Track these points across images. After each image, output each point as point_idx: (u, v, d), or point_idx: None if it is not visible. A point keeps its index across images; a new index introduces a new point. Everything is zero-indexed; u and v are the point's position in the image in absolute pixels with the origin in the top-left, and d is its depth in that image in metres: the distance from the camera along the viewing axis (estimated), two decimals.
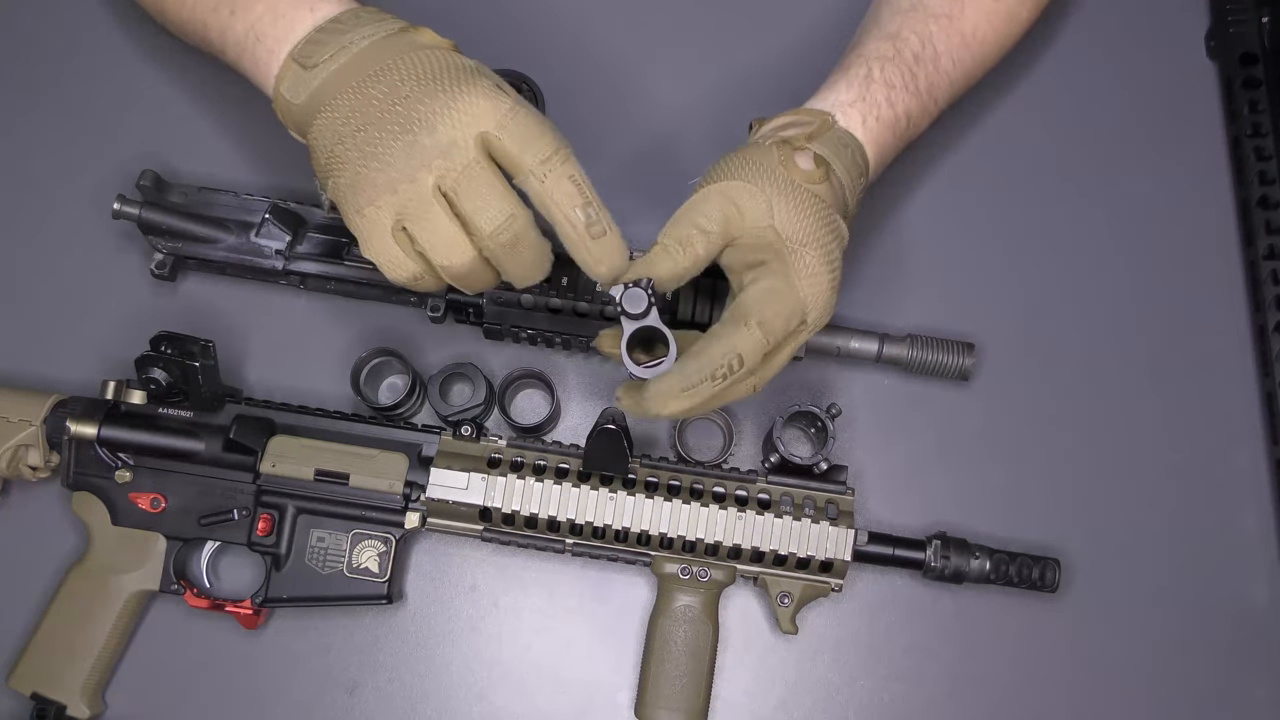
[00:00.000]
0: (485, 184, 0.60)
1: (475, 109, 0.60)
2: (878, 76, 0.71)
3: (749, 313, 0.63)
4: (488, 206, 0.60)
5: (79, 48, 0.85)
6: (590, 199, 0.60)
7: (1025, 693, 0.76)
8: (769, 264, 0.64)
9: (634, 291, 0.62)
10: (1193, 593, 0.78)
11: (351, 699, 0.75)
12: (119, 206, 0.75)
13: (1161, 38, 0.88)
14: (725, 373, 0.62)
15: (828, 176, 0.66)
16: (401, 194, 0.60)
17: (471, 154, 0.60)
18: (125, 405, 0.73)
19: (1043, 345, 0.82)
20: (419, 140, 0.60)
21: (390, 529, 0.73)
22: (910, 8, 0.75)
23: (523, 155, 0.60)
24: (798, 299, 0.64)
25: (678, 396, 0.62)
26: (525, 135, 0.60)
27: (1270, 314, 0.80)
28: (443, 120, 0.60)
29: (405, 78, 0.61)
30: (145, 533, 0.73)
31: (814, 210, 0.65)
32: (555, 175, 0.60)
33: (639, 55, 0.86)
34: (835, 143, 0.68)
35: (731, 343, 0.62)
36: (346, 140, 0.61)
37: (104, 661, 0.73)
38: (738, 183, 0.65)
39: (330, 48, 0.63)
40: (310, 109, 0.63)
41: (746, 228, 0.64)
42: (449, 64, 0.62)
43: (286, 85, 0.64)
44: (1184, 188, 0.85)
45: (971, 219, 0.84)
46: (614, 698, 0.76)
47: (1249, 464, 0.80)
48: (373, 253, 0.62)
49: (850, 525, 0.71)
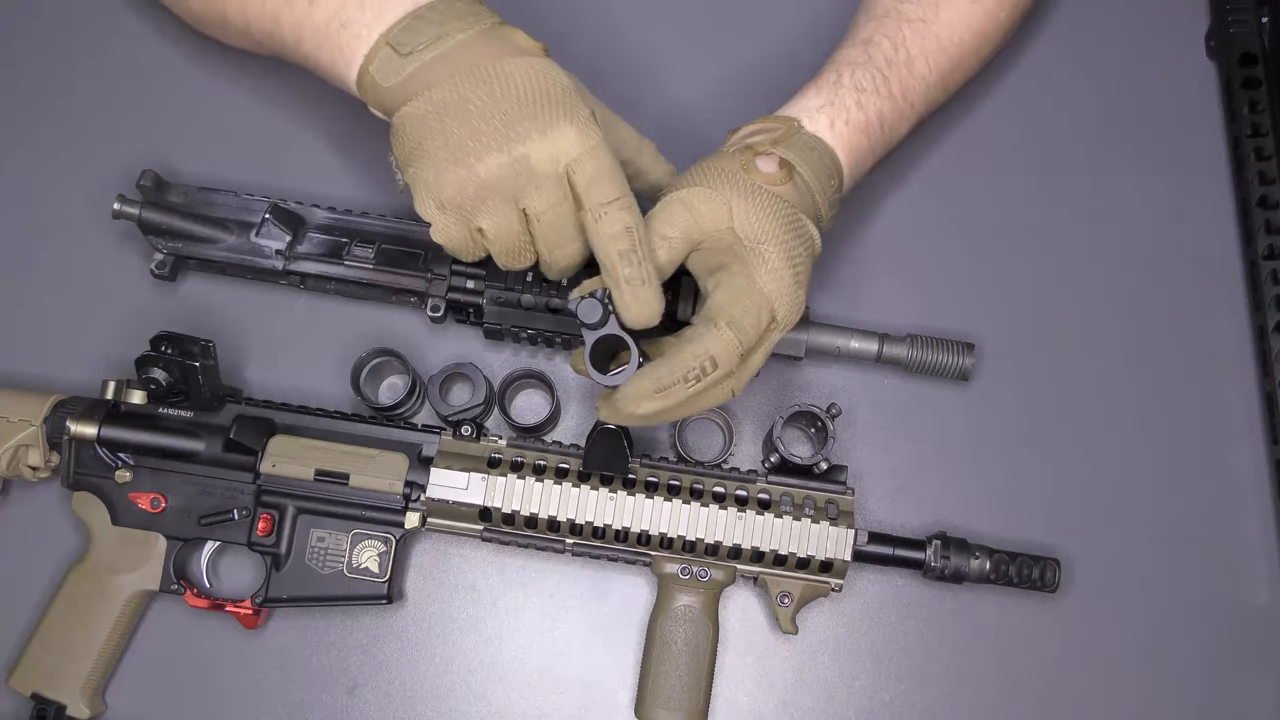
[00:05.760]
0: (567, 224, 0.64)
1: (567, 141, 0.62)
2: (847, 81, 0.72)
3: (717, 313, 0.64)
4: (564, 244, 0.65)
5: (79, 48, 0.85)
6: (637, 245, 0.62)
7: (1025, 692, 0.76)
8: (730, 265, 0.66)
9: (589, 302, 0.63)
10: (1193, 593, 0.78)
11: (351, 699, 0.75)
12: (119, 206, 0.75)
13: (1161, 38, 0.88)
14: (698, 374, 0.63)
15: (790, 178, 0.68)
16: (488, 205, 0.63)
17: (560, 191, 0.63)
18: (125, 405, 0.73)
19: (1042, 345, 0.82)
20: (515, 165, 0.62)
21: (390, 529, 0.73)
22: (884, 14, 0.76)
23: (589, 193, 0.63)
24: (763, 295, 0.65)
25: (650, 397, 0.63)
26: (598, 175, 0.63)
27: (1270, 314, 0.80)
28: (539, 147, 0.62)
29: (507, 90, 0.63)
30: (145, 533, 0.73)
31: (773, 210, 0.66)
32: (611, 219, 0.62)
33: (634, 55, 0.86)
34: (801, 146, 0.69)
35: (703, 344, 0.63)
36: (436, 138, 0.63)
37: (104, 661, 0.73)
38: (696, 188, 0.67)
39: (426, 36, 0.64)
40: (401, 94, 0.64)
41: (706, 231, 0.66)
42: (552, 84, 0.64)
43: (377, 67, 0.65)
44: (1184, 188, 0.85)
45: (971, 219, 0.84)
46: (614, 698, 0.76)
47: (1249, 464, 0.80)
48: (444, 239, 0.65)
49: (850, 525, 0.71)
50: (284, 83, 0.82)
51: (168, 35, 0.84)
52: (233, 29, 0.75)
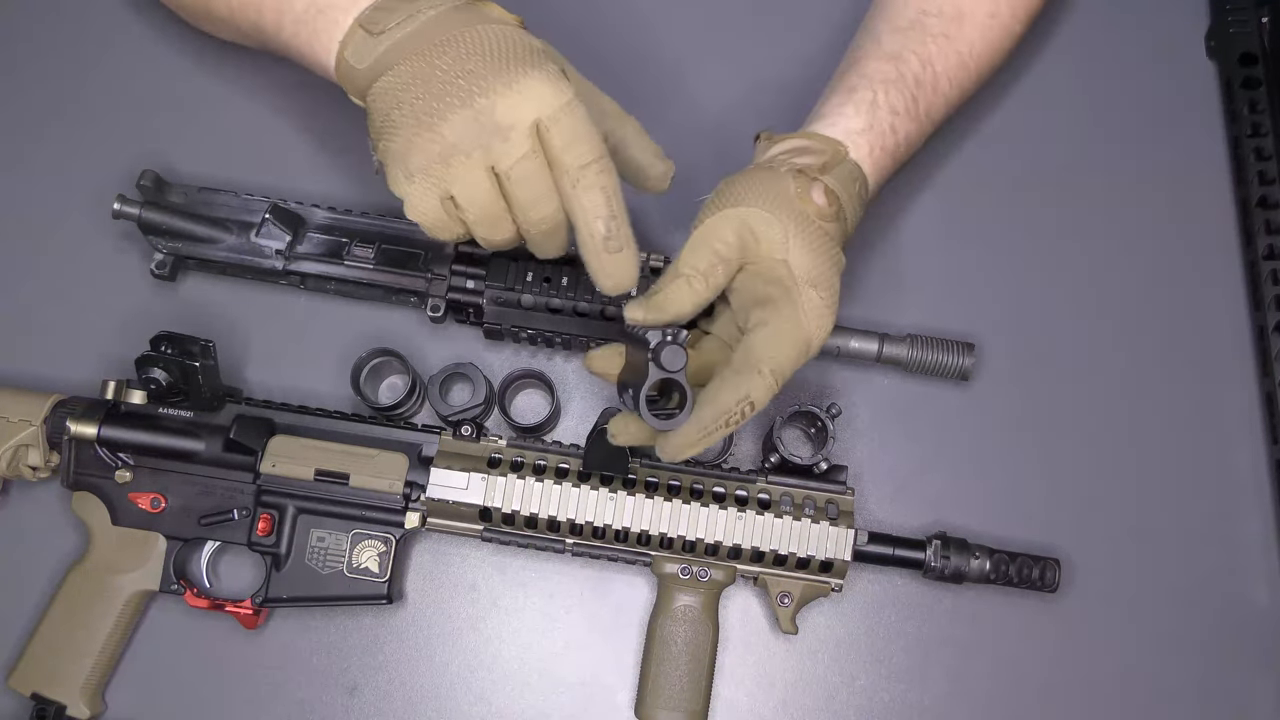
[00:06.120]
0: (539, 180, 0.61)
1: (536, 92, 0.60)
2: (883, 102, 0.72)
3: (761, 359, 0.64)
4: (538, 202, 0.62)
5: (79, 48, 0.85)
6: (615, 213, 0.61)
7: (1025, 692, 0.76)
8: (777, 303, 0.65)
9: (674, 349, 0.62)
10: (1193, 593, 0.78)
11: (351, 699, 0.75)
12: (119, 206, 0.75)
13: (1161, 38, 0.88)
14: (739, 418, 0.63)
15: (838, 215, 0.67)
16: (455, 166, 0.61)
17: (528, 144, 0.60)
18: (125, 405, 0.73)
19: (1043, 345, 0.82)
20: (479, 118, 0.60)
21: (390, 529, 0.73)
22: (908, 26, 0.75)
23: (565, 154, 0.60)
24: (805, 338, 0.65)
25: (693, 445, 0.63)
26: (574, 134, 0.60)
27: (1270, 314, 0.80)
28: (504, 99, 0.60)
29: (471, 50, 0.61)
30: (145, 533, 0.73)
31: (825, 248, 0.66)
32: (588, 183, 0.60)
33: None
34: (846, 176, 0.68)
35: (745, 390, 0.63)
36: (404, 106, 0.62)
37: (104, 661, 0.73)
38: (755, 210, 0.65)
39: (398, 15, 0.63)
40: (373, 73, 0.63)
41: (761, 255, 0.65)
42: (517, 42, 0.62)
43: (351, 50, 0.64)
44: (1184, 188, 0.85)
45: (971, 219, 0.84)
46: (614, 698, 0.76)
47: (1249, 464, 0.80)
48: (417, 215, 0.63)
49: (850, 525, 0.71)
50: (284, 83, 0.82)
51: (168, 35, 0.84)
52: (218, 18, 0.75)
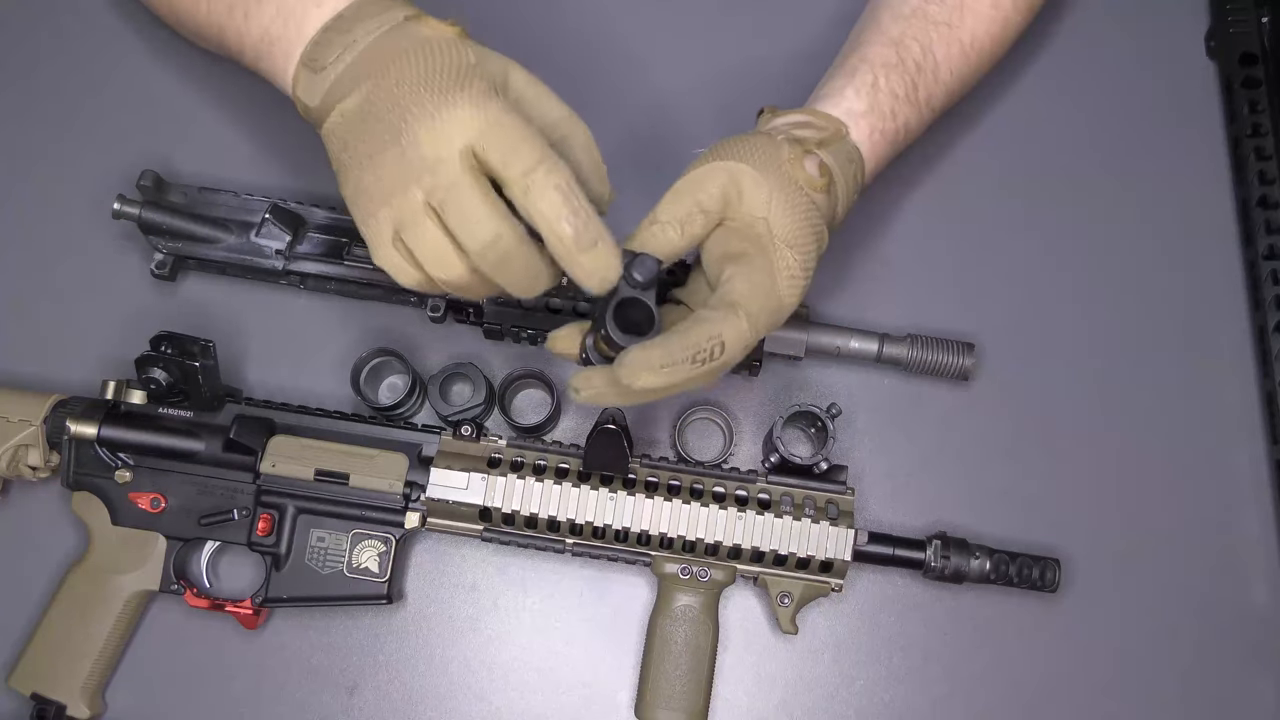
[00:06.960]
0: (470, 203, 0.58)
1: (459, 119, 0.58)
2: (884, 86, 0.71)
3: (738, 303, 0.62)
4: (473, 226, 0.58)
5: (79, 48, 0.85)
6: (577, 209, 0.58)
7: (1025, 693, 0.76)
8: (754, 259, 0.63)
9: (645, 259, 0.59)
10: (1193, 593, 0.78)
11: (351, 699, 0.75)
12: (119, 206, 0.75)
13: (1162, 38, 0.88)
14: (706, 356, 0.60)
15: (828, 188, 0.66)
16: (395, 207, 0.59)
17: (456, 170, 0.58)
18: (125, 405, 0.73)
19: (1043, 345, 0.82)
20: (405, 154, 0.58)
21: (390, 529, 0.73)
22: (911, 13, 0.75)
23: (506, 168, 0.58)
24: (779, 300, 0.64)
25: (655, 370, 0.59)
26: (507, 146, 0.58)
27: (1270, 314, 0.80)
28: (427, 133, 0.58)
29: (401, 80, 0.60)
30: (145, 533, 0.73)
31: (807, 215, 0.65)
32: (539, 187, 0.57)
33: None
34: (843, 156, 0.68)
35: (719, 327, 0.60)
36: (349, 148, 0.61)
37: (104, 661, 0.73)
38: (744, 166, 0.64)
39: (336, 48, 0.62)
40: (324, 110, 0.62)
41: (741, 212, 0.64)
42: (446, 64, 0.60)
43: (301, 89, 0.63)
44: (1184, 188, 0.85)
45: (971, 219, 0.84)
46: (614, 698, 0.76)
47: (1249, 464, 0.80)
48: (379, 260, 0.62)
49: (850, 525, 0.71)
50: None
51: (168, 36, 0.84)
52: (188, 31, 0.74)
